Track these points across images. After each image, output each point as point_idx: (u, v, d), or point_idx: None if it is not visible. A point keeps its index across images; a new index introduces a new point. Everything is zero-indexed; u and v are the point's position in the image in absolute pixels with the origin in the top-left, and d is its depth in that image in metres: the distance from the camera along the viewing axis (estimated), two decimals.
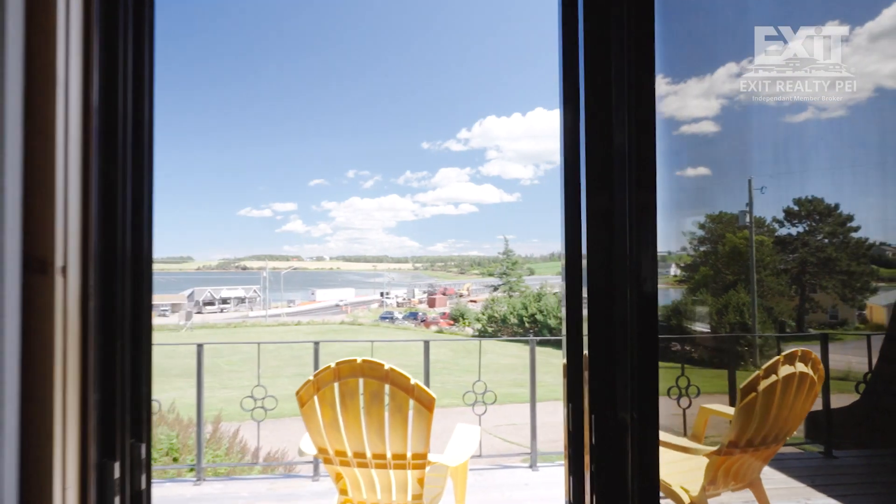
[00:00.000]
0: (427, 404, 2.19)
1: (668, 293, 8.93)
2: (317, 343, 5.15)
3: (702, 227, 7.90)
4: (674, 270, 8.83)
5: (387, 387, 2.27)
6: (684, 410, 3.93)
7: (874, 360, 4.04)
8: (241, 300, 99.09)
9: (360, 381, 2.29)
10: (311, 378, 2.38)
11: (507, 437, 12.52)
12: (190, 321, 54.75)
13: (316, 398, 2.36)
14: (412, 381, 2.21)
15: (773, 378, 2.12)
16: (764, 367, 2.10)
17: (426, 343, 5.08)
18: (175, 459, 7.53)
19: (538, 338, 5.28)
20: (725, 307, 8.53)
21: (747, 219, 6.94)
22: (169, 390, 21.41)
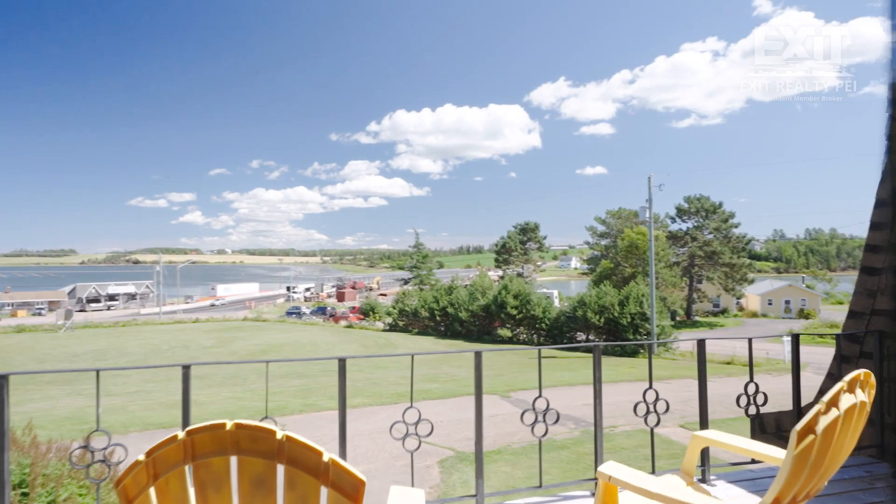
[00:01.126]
0: (351, 493, 1.08)
1: None
2: (187, 366, 4.24)
3: None
4: None
5: (280, 468, 1.10)
6: None
7: None
8: (132, 296, 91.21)
9: (233, 460, 1.12)
10: (142, 458, 1.15)
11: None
12: (70, 320, 49.24)
13: (153, 493, 1.21)
14: (325, 457, 1.06)
15: (834, 413, 1.63)
16: (825, 399, 1.63)
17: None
18: (25, 495, 6.28)
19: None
20: None
21: None
22: (38, 400, 18.86)
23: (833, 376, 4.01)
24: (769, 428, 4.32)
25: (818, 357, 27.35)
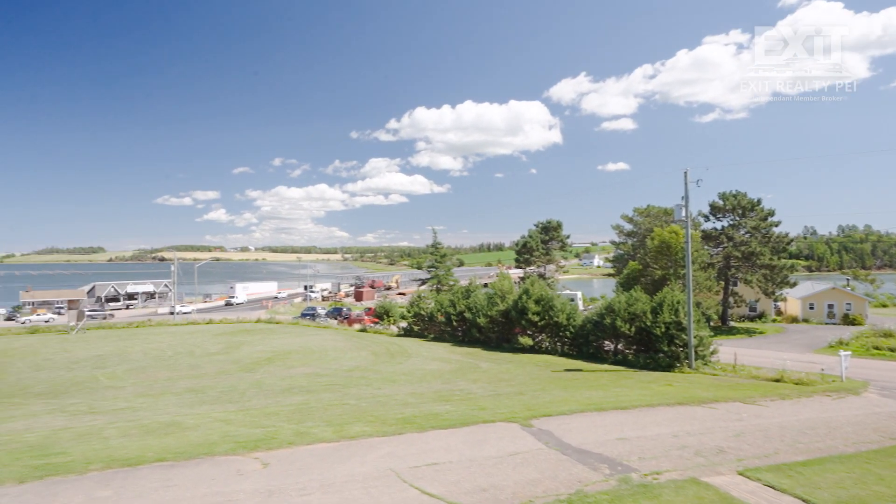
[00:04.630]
0: None
1: None
2: None
3: None
4: None
5: None
6: None
7: None
8: (150, 295, 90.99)
9: None
10: None
11: (427, 486, 9.94)
12: (82, 322, 48.37)
13: None
14: None
15: None
16: None
17: None
18: None
19: None
20: None
21: None
22: (17, 418, 17.27)
23: None
24: None
25: (879, 373, 24.56)
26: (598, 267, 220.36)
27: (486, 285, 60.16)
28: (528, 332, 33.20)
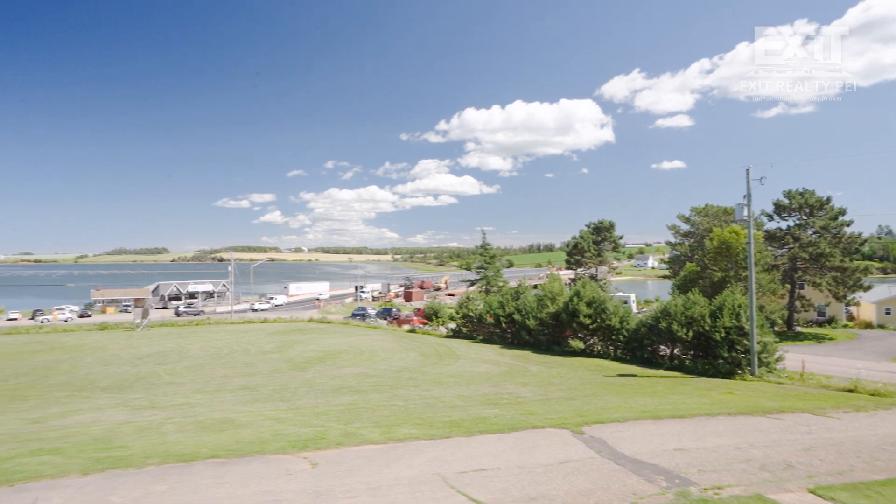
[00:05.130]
0: None
1: None
2: None
3: None
4: None
5: None
6: None
7: None
8: (210, 294, 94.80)
9: None
10: None
11: (474, 493, 9.72)
12: (146, 320, 50.77)
13: None
14: None
15: None
16: None
17: None
18: None
19: None
20: None
21: None
22: (85, 411, 18.18)
23: None
24: None
25: None
26: (653, 268, 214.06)
27: (535, 287, 59.38)
28: (580, 335, 32.44)
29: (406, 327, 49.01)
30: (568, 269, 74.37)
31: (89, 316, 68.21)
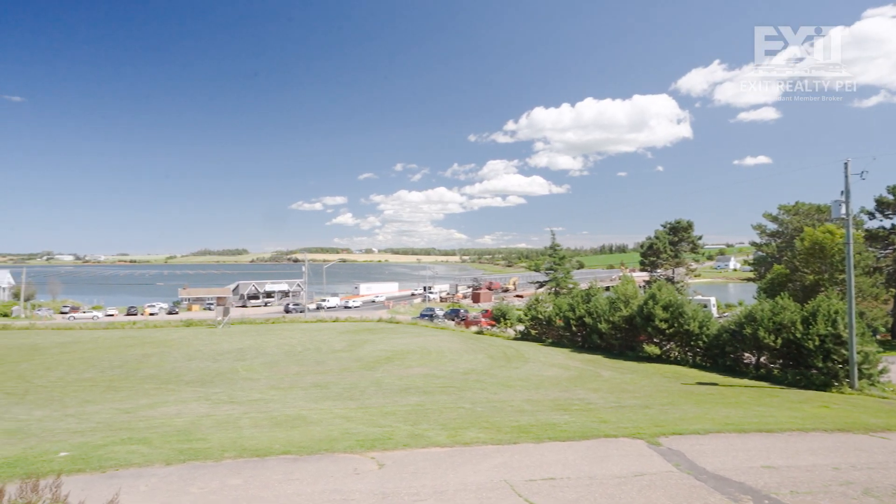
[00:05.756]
0: None
1: None
2: None
3: None
4: None
5: None
6: None
7: None
8: (285, 294, 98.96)
9: None
10: None
11: (542, 502, 9.35)
12: (227, 317, 53.51)
13: None
14: None
15: None
16: None
17: None
18: None
19: None
20: None
21: None
22: (172, 403, 19.29)
23: None
24: None
25: None
26: (735, 270, 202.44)
27: (607, 289, 57.52)
28: (655, 340, 31.00)
29: (473, 328, 48.85)
30: (642, 270, 71.56)
31: (176, 313, 72.94)
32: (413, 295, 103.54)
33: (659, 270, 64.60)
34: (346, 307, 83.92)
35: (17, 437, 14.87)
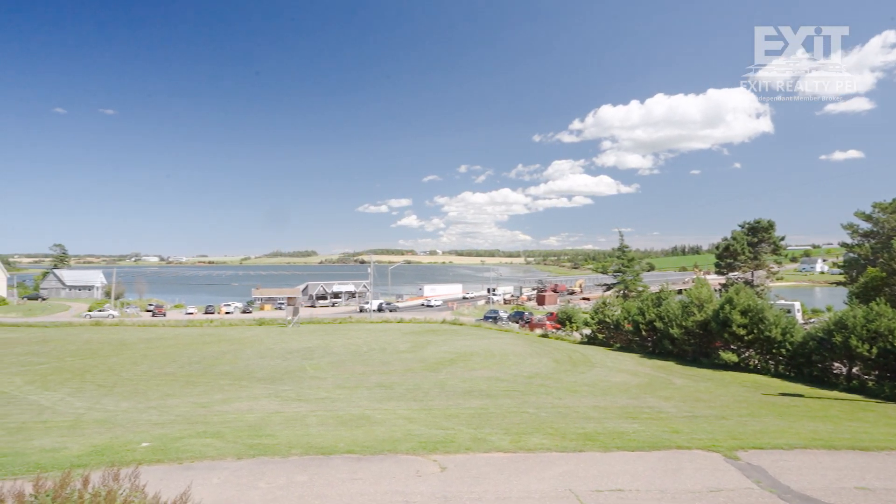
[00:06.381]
0: None
1: None
2: None
3: None
4: None
5: None
6: None
7: None
8: (352, 295, 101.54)
9: None
10: None
11: None
12: (297, 317, 55.45)
13: None
14: None
15: None
16: None
17: None
18: None
19: None
20: None
21: None
22: (244, 399, 20.12)
23: None
24: None
25: None
26: (822, 273, 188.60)
27: (680, 292, 55.06)
28: (732, 346, 29.29)
29: (538, 332, 48.11)
30: (717, 273, 67.95)
31: (250, 312, 76.40)
32: (465, 298, 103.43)
33: (736, 273, 61.14)
34: (427, 305, 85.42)
35: (105, 426, 15.96)
